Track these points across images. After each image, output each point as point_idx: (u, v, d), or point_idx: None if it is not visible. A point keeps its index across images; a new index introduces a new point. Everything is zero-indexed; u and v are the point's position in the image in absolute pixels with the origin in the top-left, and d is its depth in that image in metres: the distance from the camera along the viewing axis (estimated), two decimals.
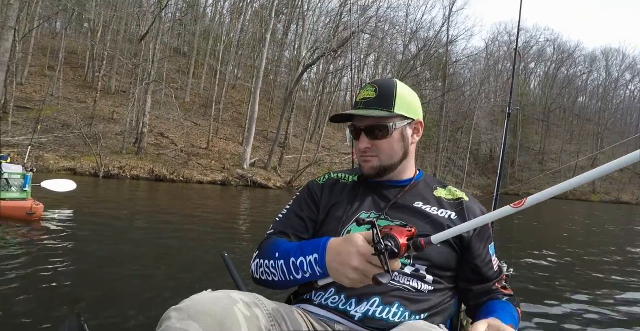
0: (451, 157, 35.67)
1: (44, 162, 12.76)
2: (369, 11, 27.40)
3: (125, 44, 24.74)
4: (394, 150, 1.04)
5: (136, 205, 8.51)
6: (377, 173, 1.05)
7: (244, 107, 26.77)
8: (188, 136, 20.47)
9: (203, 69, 29.04)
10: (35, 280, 3.09)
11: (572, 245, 7.71)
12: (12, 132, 14.60)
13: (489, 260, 1.03)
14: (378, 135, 1.02)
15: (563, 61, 53.39)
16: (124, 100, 21.41)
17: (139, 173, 14.41)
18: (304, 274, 0.88)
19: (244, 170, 17.59)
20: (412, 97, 1.06)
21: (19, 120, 16.05)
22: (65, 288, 2.97)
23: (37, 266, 3.42)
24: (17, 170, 5.68)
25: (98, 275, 3.40)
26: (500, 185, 2.28)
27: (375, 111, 1.00)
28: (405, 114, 1.03)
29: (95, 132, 15.19)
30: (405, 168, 1.09)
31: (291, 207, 1.12)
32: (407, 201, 1.04)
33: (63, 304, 2.66)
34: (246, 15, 29.28)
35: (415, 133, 1.08)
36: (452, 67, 35.81)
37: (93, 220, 6.03)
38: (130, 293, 2.98)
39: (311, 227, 1.07)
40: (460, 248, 1.01)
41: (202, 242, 5.16)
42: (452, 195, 1.08)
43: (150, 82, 16.43)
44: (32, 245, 4.26)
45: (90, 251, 4.18)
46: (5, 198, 5.44)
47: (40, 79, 21.36)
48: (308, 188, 1.15)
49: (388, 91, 1.02)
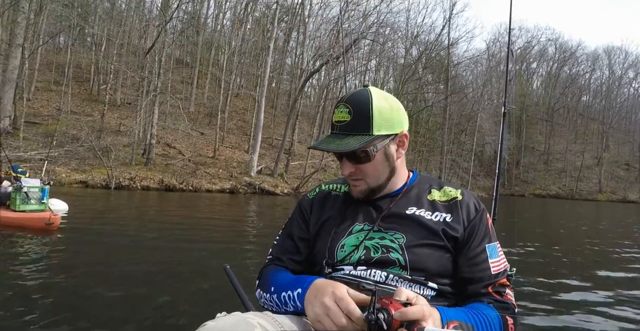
0: (456, 159, 35.70)
1: (56, 176, 12.99)
2: (370, 17, 27.70)
3: (129, 57, 25.14)
4: (379, 172, 1.00)
5: (148, 216, 8.67)
6: (366, 196, 1.02)
7: (248, 115, 27.04)
8: (195, 146, 20.73)
9: (206, 78, 29.40)
10: (49, 285, 3.26)
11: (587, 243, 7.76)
12: (24, 147, 14.88)
13: (482, 260, 0.97)
14: (360, 160, 0.97)
15: (565, 60, 53.37)
16: (130, 112, 21.72)
17: (149, 184, 14.64)
18: (292, 307, 0.91)
19: (251, 178, 17.77)
20: (391, 110, 0.97)
21: (29, 135, 16.34)
22: (60, 300, 2.98)
23: (54, 272, 3.62)
24: (35, 184, 5.99)
25: (103, 288, 3.32)
26: (500, 184, 2.37)
27: (352, 139, 0.93)
28: (386, 132, 0.96)
29: (106, 145, 15.45)
30: (396, 181, 1.05)
31: (285, 228, 1.13)
32: (400, 209, 1.01)
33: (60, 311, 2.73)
34: (247, 25, 29.69)
35: (401, 147, 1.02)
36: (454, 70, 35.99)
37: (107, 229, 6.24)
38: (134, 312, 2.85)
39: (304, 247, 1.07)
40: (455, 249, 0.97)
41: (209, 252, 5.10)
42: (447, 195, 1.04)
43: (157, 94, 16.71)
44: (49, 252, 4.54)
45: (97, 261, 4.29)
46: (25, 210, 5.77)
47: (47, 94, 21.72)
48: (299, 206, 1.14)
49: (363, 112, 0.94)
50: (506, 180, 44.89)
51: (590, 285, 4.35)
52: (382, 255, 0.95)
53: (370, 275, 0.94)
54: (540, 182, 45.00)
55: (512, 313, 0.93)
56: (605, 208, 27.15)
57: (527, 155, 47.77)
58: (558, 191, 42.93)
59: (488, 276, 0.95)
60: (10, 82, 16.19)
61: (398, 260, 0.94)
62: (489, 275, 0.95)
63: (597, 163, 44.53)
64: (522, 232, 9.13)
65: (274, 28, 20.60)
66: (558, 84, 52.98)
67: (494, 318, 0.88)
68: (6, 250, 4.52)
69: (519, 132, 47.29)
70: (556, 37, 62.11)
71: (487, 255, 0.97)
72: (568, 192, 42.10)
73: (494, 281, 0.95)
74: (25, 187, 5.82)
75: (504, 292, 0.96)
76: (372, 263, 0.95)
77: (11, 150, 14.60)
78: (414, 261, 0.93)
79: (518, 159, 46.50)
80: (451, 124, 34.87)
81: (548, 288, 4.05)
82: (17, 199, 5.79)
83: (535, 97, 54.05)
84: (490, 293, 0.94)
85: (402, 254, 0.94)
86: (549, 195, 41.95)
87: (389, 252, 0.95)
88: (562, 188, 43.40)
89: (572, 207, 24.64)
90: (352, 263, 0.96)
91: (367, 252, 0.96)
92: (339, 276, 0.96)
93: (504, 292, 0.95)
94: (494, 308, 0.91)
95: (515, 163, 46.35)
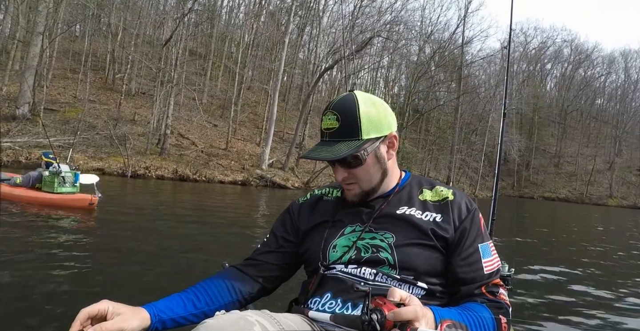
0: (465, 159, 35.58)
1: (74, 163, 13.29)
2: (385, 16, 27.60)
3: (144, 47, 25.35)
4: (371, 175, 1.01)
5: (167, 204, 8.90)
6: (360, 199, 1.04)
7: (260, 108, 27.19)
8: (207, 137, 20.96)
9: (219, 70, 29.56)
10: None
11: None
12: (44, 134, 15.17)
13: (475, 260, 0.97)
14: (352, 165, 0.99)
15: (581, 62, 52.61)
16: (145, 102, 21.98)
17: (164, 174, 14.92)
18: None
19: (263, 171, 17.98)
20: (379, 113, 0.98)
21: (47, 122, 16.64)
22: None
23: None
24: (67, 169, 6.54)
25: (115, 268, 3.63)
26: (509, 186, 2.35)
27: (342, 145, 0.95)
28: (375, 135, 0.98)
29: (123, 134, 15.73)
30: (389, 182, 1.06)
31: (271, 229, 1.16)
32: (391, 209, 1.02)
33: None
34: (261, 18, 29.72)
35: (391, 148, 1.04)
36: (467, 69, 35.77)
37: (131, 211, 7.03)
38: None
39: (288, 246, 1.10)
40: (446, 249, 0.98)
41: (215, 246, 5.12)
42: (439, 195, 1.04)
43: (174, 86, 16.91)
44: (92, 228, 5.46)
45: (127, 236, 4.89)
46: (62, 192, 6.45)
47: (64, 82, 22.01)
48: (287, 210, 1.16)
49: (351, 118, 0.95)
50: (515, 181, 44.63)
51: (594, 286, 4.36)
52: (371, 255, 0.96)
53: (361, 273, 0.95)
54: (550, 185, 44.65)
55: (506, 312, 0.93)
56: (620, 213, 26.93)
57: (538, 157, 47.32)
58: (568, 194, 42.59)
59: (481, 276, 0.95)
60: (31, 69, 16.50)
61: (387, 259, 0.94)
62: (482, 275, 0.95)
63: (609, 168, 44.06)
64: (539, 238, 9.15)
65: (289, 23, 20.65)
66: (572, 86, 52.31)
67: (487, 317, 0.88)
68: (59, 224, 5.41)
69: (530, 133, 46.84)
70: (572, 38, 61.28)
71: (480, 255, 0.97)
72: (578, 196, 41.75)
73: (487, 282, 0.95)
74: (63, 172, 6.42)
75: (498, 292, 0.96)
76: (362, 262, 0.96)
77: (31, 136, 14.93)
78: (402, 261, 0.94)
79: (528, 161, 46.09)
80: (462, 124, 34.73)
81: (548, 289, 4.02)
82: (55, 182, 6.40)
83: (548, 99, 53.44)
84: (484, 293, 0.94)
85: (391, 253, 0.95)
86: (558, 198, 41.66)
87: (379, 252, 0.96)
88: (572, 192, 43.04)
89: (583, 211, 24.47)
90: (343, 263, 0.98)
91: (357, 252, 0.97)
92: (332, 274, 0.98)
93: (497, 292, 0.95)
94: (487, 308, 0.91)
95: (525, 165, 45.98)
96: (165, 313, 0.91)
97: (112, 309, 0.83)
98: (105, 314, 0.82)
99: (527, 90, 45.52)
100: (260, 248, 1.12)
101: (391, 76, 39.19)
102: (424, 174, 30.89)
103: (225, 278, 1.05)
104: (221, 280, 1.04)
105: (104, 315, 0.82)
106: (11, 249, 3.80)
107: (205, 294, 1.00)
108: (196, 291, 1.00)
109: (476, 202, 1.06)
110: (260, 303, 1.09)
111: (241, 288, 1.04)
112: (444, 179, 32.82)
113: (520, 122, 46.28)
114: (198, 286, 1.02)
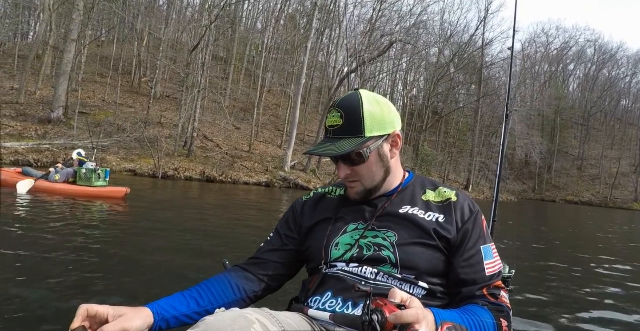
0: (485, 162, 35.30)
1: (107, 164, 13.91)
2: (406, 19, 27.70)
3: (168, 52, 26.11)
4: (373, 172, 1.01)
5: (193, 203, 9.31)
6: (363, 197, 1.04)
7: (280, 110, 27.63)
8: (230, 139, 21.51)
9: (240, 74, 30.14)
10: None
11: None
12: (77, 136, 15.91)
13: (476, 262, 0.96)
14: (355, 162, 0.99)
15: (605, 62, 51.61)
16: (169, 105, 22.66)
17: (192, 175, 15.53)
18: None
19: (285, 173, 18.41)
20: (382, 111, 0.99)
21: (79, 125, 17.41)
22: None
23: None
24: (91, 167, 7.64)
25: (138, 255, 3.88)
26: (530, 189, 2.27)
27: (345, 141, 0.96)
28: (378, 133, 0.98)
29: (154, 136, 16.40)
30: (392, 181, 1.06)
31: (275, 228, 1.17)
32: (394, 208, 1.02)
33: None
34: (280, 21, 30.18)
35: (394, 147, 1.04)
36: (487, 70, 35.52)
37: (156, 207, 7.67)
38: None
39: (292, 244, 1.11)
40: (448, 250, 0.97)
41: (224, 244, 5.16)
42: (441, 196, 1.04)
43: (201, 90, 17.47)
44: (129, 214, 6.40)
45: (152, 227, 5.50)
46: (97, 186, 7.59)
47: (93, 85, 22.88)
48: (291, 208, 1.17)
49: (354, 115, 0.96)
50: (536, 184, 43.99)
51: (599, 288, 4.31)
52: (373, 253, 0.96)
53: (362, 272, 0.95)
54: (572, 188, 43.84)
55: (507, 315, 0.93)
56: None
57: (560, 159, 46.49)
58: (591, 198, 41.71)
59: (482, 278, 0.95)
60: (65, 74, 17.27)
61: (389, 257, 0.95)
62: (484, 277, 0.95)
63: (634, 171, 42.98)
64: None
65: (311, 28, 21.02)
66: (596, 87, 51.27)
67: (488, 320, 0.88)
68: (98, 210, 6.44)
69: (552, 135, 46.07)
70: (595, 38, 60.14)
71: (482, 257, 0.97)
72: (601, 199, 40.84)
73: (488, 283, 0.95)
74: (98, 168, 7.63)
75: (499, 294, 0.95)
76: (363, 261, 0.96)
77: (65, 138, 15.67)
78: (404, 259, 0.94)
79: (550, 163, 45.33)
80: (482, 126, 34.49)
81: (547, 290, 4.00)
82: (92, 178, 7.51)
83: (570, 100, 52.48)
84: (485, 295, 0.94)
85: (393, 252, 0.95)
86: (581, 201, 40.85)
87: (381, 250, 0.96)
88: (595, 195, 42.12)
89: (606, 214, 23.99)
90: (344, 260, 0.98)
91: (359, 250, 0.97)
92: (333, 272, 0.98)
93: (498, 294, 0.94)
94: (488, 310, 0.90)
95: (547, 168, 45.25)
96: (168, 311, 0.93)
97: (113, 312, 0.84)
98: (105, 317, 0.83)
99: (548, 91, 44.83)
100: (264, 246, 1.13)
101: (410, 78, 39.21)
102: (443, 177, 30.83)
103: (229, 276, 1.06)
104: (225, 279, 1.05)
105: (104, 317, 0.83)
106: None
107: (209, 292, 1.01)
108: (199, 289, 1.01)
109: None
110: (260, 301, 1.09)
111: (245, 287, 1.05)
112: (464, 182, 32.67)
113: (542, 124, 45.58)
114: (202, 284, 1.03)
